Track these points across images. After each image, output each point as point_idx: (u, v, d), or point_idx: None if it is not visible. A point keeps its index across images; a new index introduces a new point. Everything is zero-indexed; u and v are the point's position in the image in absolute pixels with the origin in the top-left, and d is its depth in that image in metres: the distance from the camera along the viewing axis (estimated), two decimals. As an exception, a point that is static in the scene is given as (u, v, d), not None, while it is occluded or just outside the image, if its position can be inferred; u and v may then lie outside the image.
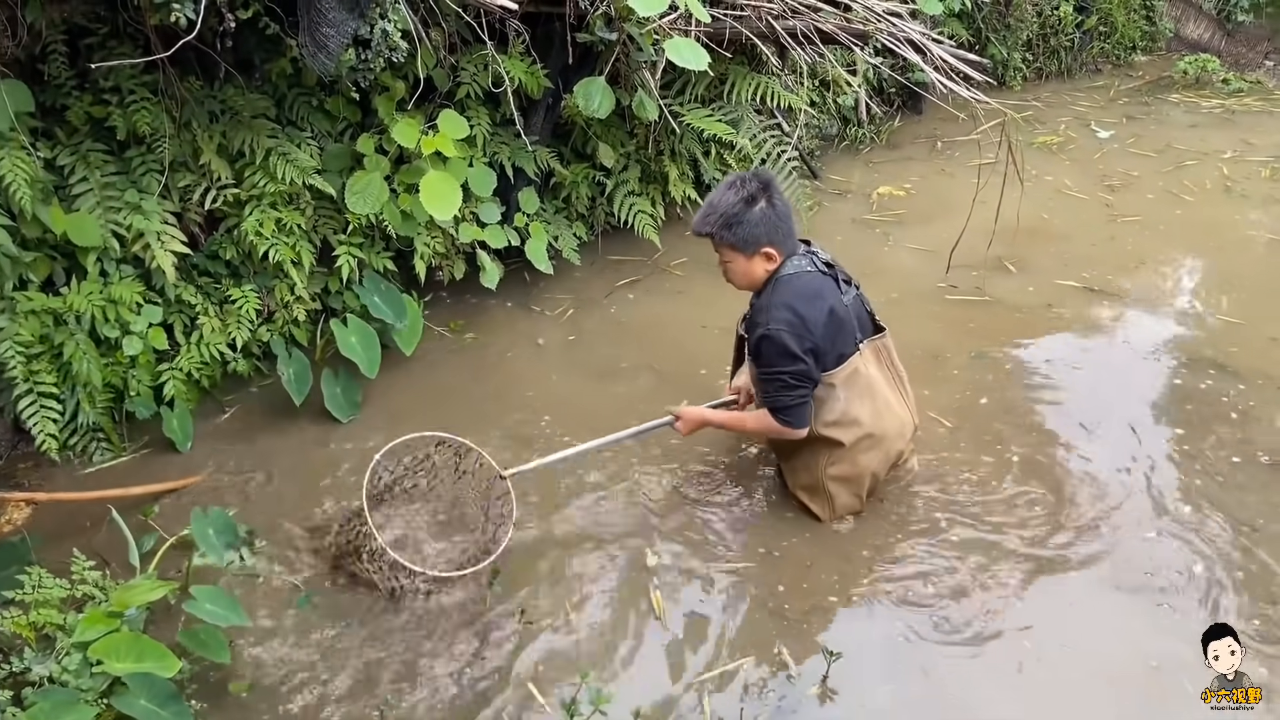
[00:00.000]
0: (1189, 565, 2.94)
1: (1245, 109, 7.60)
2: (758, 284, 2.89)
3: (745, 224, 2.78)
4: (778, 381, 2.83)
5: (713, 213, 2.82)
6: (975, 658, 2.65)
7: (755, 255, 2.83)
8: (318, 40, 2.89)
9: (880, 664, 2.63)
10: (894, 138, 6.80)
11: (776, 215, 2.82)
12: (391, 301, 3.87)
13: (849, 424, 2.95)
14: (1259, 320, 4.36)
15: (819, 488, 3.06)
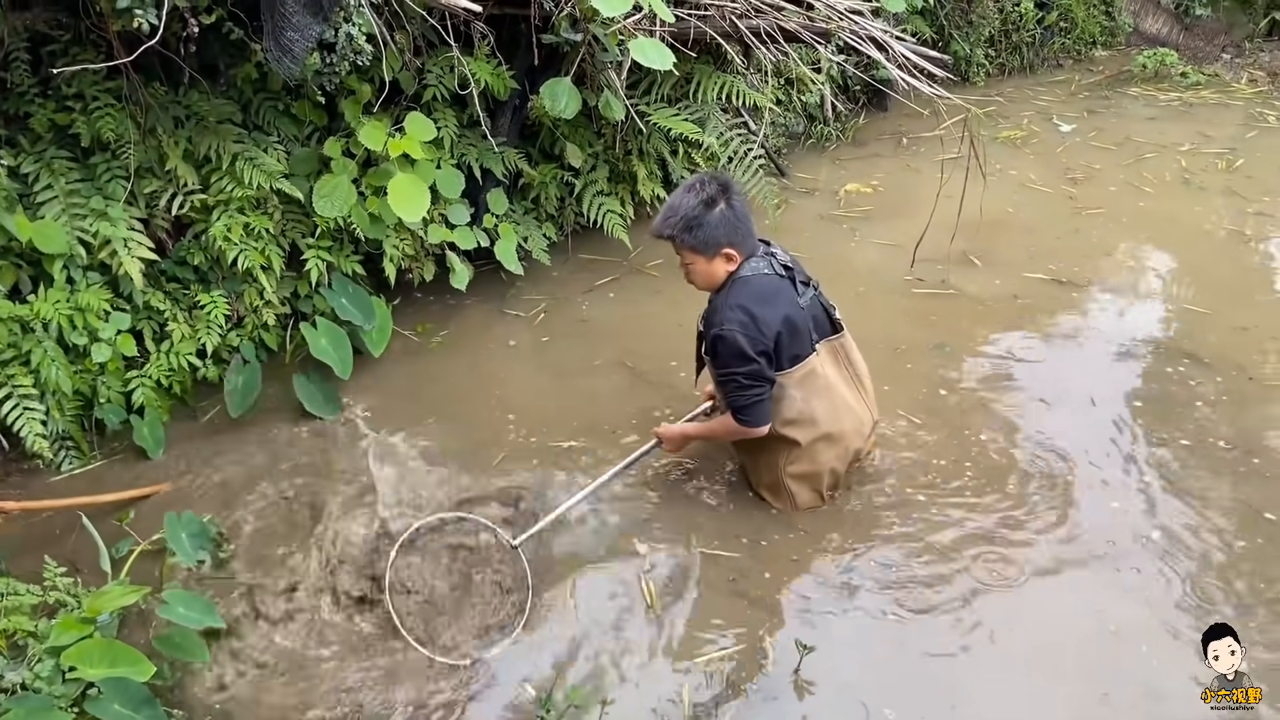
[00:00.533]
0: (1147, 538, 3.05)
1: (1202, 102, 7.73)
2: (718, 284, 2.93)
3: (705, 226, 2.82)
4: (733, 382, 2.87)
5: (673, 215, 2.85)
6: (950, 636, 2.71)
7: (716, 256, 2.87)
8: (282, 45, 2.90)
9: (858, 647, 2.69)
10: (860, 135, 6.87)
11: (736, 216, 2.85)
12: (360, 304, 3.88)
13: (805, 423, 2.99)
14: (1225, 310, 4.44)
15: (780, 486, 3.11)
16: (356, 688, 2.58)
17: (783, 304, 2.88)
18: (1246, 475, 3.33)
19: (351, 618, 2.79)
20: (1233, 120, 7.27)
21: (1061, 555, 2.99)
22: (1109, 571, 2.92)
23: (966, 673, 2.61)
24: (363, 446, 3.47)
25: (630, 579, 2.92)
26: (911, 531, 3.09)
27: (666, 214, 2.88)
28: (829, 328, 3.07)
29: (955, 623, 2.75)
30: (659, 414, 3.57)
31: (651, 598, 2.84)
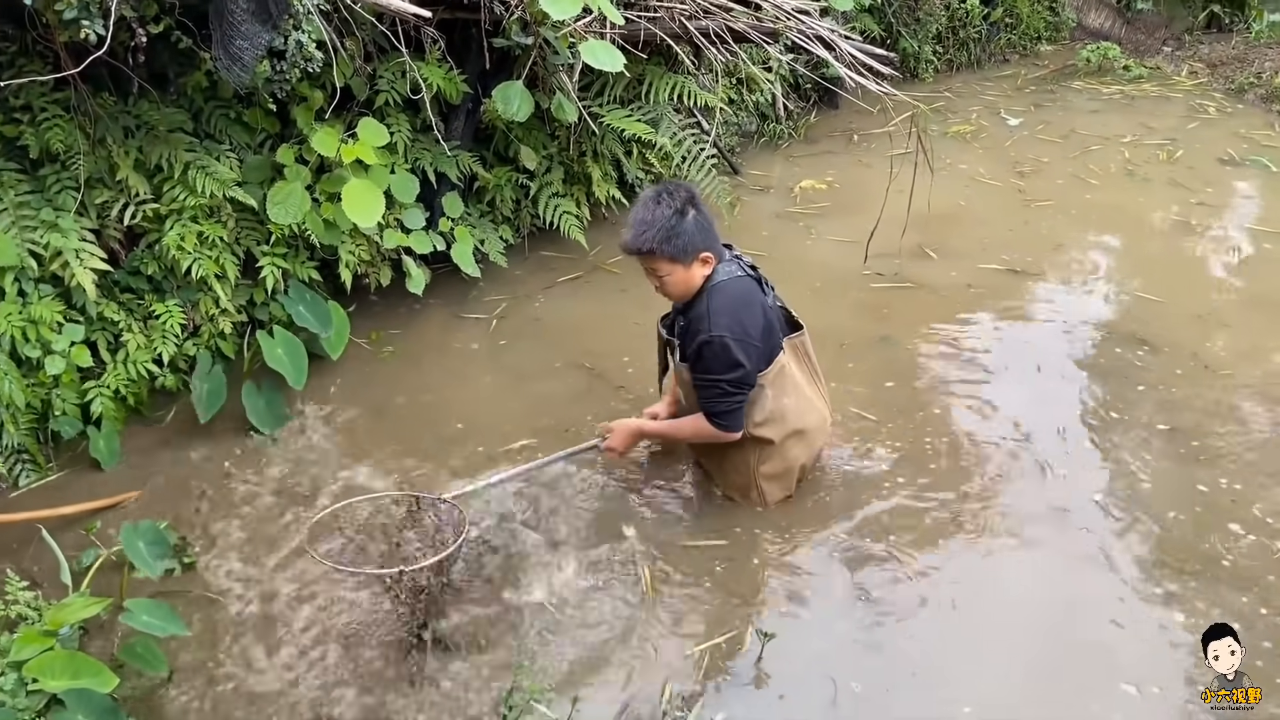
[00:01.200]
0: (1096, 509, 3.20)
1: (1144, 94, 7.92)
2: (695, 291, 2.93)
3: (683, 234, 2.82)
4: (716, 389, 2.89)
5: (648, 228, 2.82)
6: (913, 611, 2.83)
7: (694, 263, 2.87)
8: (231, 53, 2.91)
9: (827, 627, 2.78)
10: (811, 132, 6.96)
11: (707, 222, 2.89)
12: (317, 310, 3.88)
13: (778, 421, 3.04)
14: (1180, 298, 4.58)
15: (751, 485, 3.16)
16: (320, 694, 2.59)
17: (758, 305, 2.94)
18: (1188, 456, 3.45)
19: (315, 623, 2.80)
20: (1174, 112, 7.46)
21: (1014, 529, 3.13)
22: (1060, 542, 3.07)
23: (929, 644, 2.72)
24: (310, 458, 3.49)
25: (607, 573, 2.97)
26: (873, 515, 3.18)
27: (640, 228, 2.84)
28: (788, 327, 3.13)
29: (918, 599, 2.86)
30: (617, 414, 3.61)
31: (648, 585, 2.90)
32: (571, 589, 2.90)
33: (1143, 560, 2.99)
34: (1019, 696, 2.57)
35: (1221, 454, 3.47)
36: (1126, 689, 2.56)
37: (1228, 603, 2.81)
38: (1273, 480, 3.32)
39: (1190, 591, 2.86)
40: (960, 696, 2.55)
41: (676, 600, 2.87)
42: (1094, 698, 2.54)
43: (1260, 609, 2.79)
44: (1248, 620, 2.73)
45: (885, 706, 2.54)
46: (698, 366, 2.91)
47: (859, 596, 2.87)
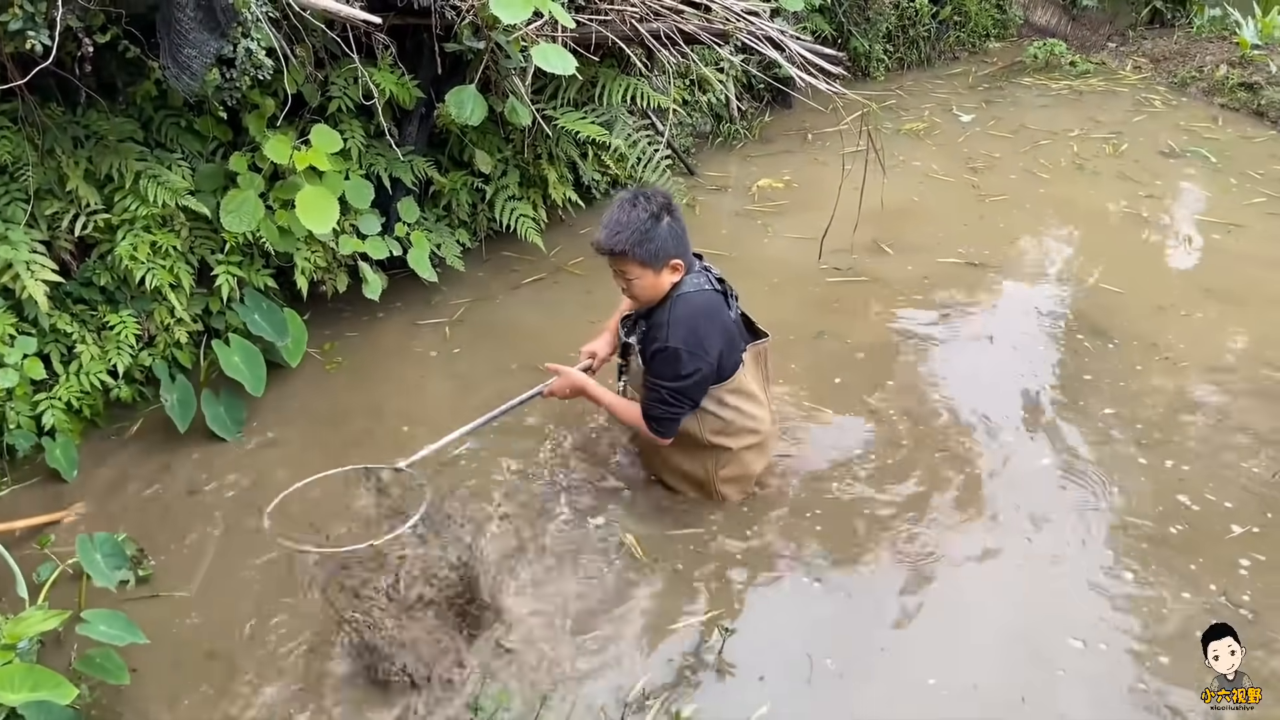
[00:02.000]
0: (1050, 493, 3.32)
1: (1091, 89, 8.07)
2: (661, 298, 2.97)
3: (656, 239, 2.86)
4: (658, 393, 2.94)
5: (623, 230, 2.86)
6: (880, 592, 2.93)
7: (663, 269, 2.91)
8: (180, 62, 2.91)
9: (801, 612, 2.87)
10: (766, 132, 7.02)
11: (681, 229, 2.94)
12: (273, 319, 3.88)
13: (737, 432, 3.11)
14: (1135, 289, 4.69)
15: (710, 486, 3.22)
16: (286, 699, 2.60)
17: (721, 319, 2.98)
18: (1140, 438, 3.57)
19: (277, 631, 2.81)
20: (1120, 106, 7.61)
21: (972, 511, 3.23)
22: (1015, 526, 3.18)
23: (895, 622, 2.83)
24: (268, 465, 3.50)
25: (578, 559, 3.03)
26: (833, 502, 3.28)
27: (614, 229, 2.87)
28: (750, 335, 3.19)
29: (886, 581, 2.97)
30: (569, 416, 3.65)
31: (638, 549, 2.97)
32: (540, 577, 2.95)
33: (1099, 536, 3.12)
34: (979, 664, 2.67)
35: (1173, 438, 3.58)
36: (1074, 644, 2.71)
37: (1176, 567, 2.95)
38: (1220, 462, 3.43)
39: (1140, 555, 3.00)
40: (926, 669, 2.65)
41: (644, 591, 2.92)
42: (1046, 656, 2.68)
43: (1208, 580, 2.91)
44: (1196, 585, 2.89)
45: (860, 681, 2.64)
46: (650, 370, 2.97)
47: (830, 584, 2.95)
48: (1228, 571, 2.96)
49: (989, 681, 2.61)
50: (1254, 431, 3.60)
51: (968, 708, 2.54)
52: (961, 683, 2.61)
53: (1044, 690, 2.58)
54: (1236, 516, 3.18)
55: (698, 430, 3.07)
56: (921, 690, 2.59)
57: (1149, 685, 2.58)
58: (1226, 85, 7.61)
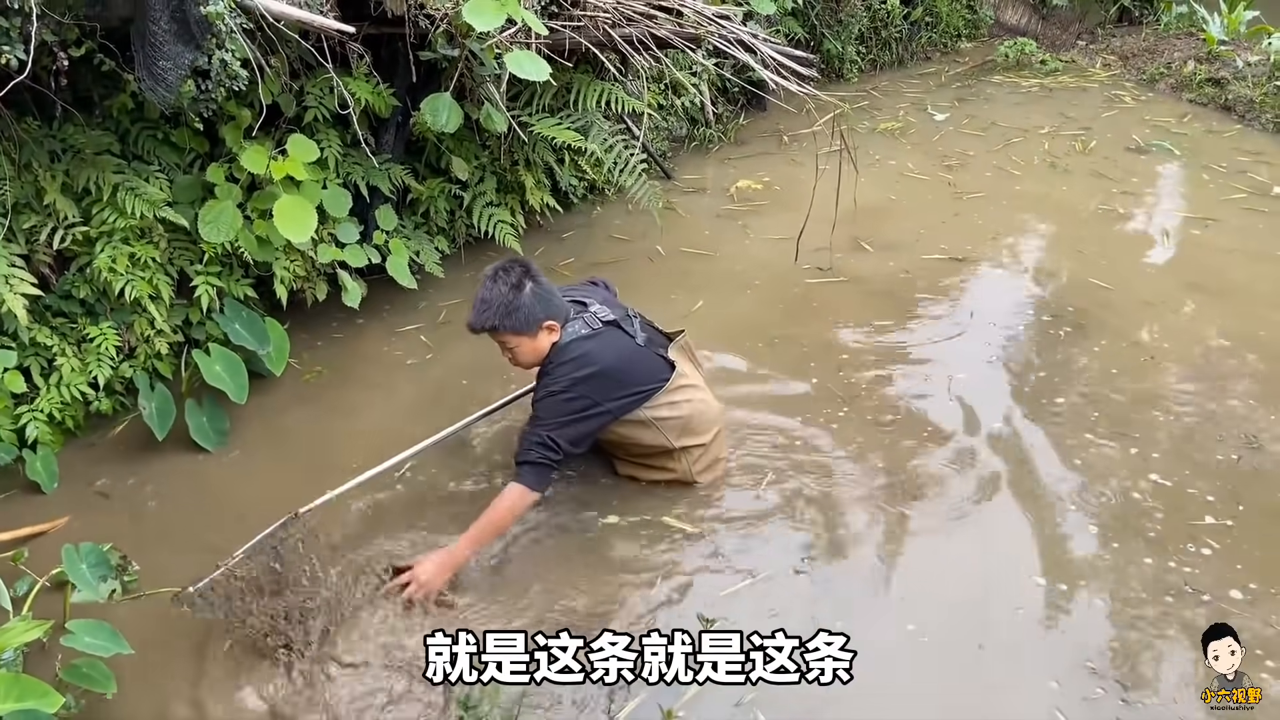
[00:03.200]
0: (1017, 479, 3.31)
1: (1062, 86, 8.17)
2: (544, 355, 3.06)
3: (521, 308, 2.97)
4: (537, 435, 2.95)
5: (488, 309, 2.98)
6: (856, 568, 3.01)
7: (539, 332, 3.01)
8: (155, 74, 2.93)
9: (784, 589, 2.89)
10: (741, 135, 7.08)
11: (545, 291, 3.03)
12: (253, 328, 3.90)
13: (699, 426, 3.22)
14: (1121, 284, 4.75)
15: (690, 482, 3.31)
16: (278, 699, 2.63)
17: (614, 349, 3.06)
18: (1118, 425, 3.63)
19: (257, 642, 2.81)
20: (1091, 103, 7.71)
21: (939, 512, 3.27)
22: (981, 518, 3.25)
23: (870, 587, 2.93)
24: (250, 475, 3.54)
25: (568, 556, 3.07)
26: (808, 491, 3.34)
27: (480, 309, 3.00)
28: (665, 339, 3.30)
29: (861, 559, 3.05)
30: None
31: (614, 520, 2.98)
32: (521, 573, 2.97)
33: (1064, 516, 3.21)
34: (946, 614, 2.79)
35: (1149, 427, 3.65)
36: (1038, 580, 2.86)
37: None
38: (1195, 449, 3.51)
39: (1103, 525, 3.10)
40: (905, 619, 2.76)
41: (632, 584, 2.97)
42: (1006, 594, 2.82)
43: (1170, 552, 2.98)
44: (1159, 543, 2.98)
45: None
46: (536, 413, 3.02)
47: (808, 565, 3.02)
48: (1187, 538, 3.06)
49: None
50: (1220, 420, 3.68)
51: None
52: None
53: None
54: (1202, 498, 3.25)
55: (664, 440, 3.17)
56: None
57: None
58: (1194, 81, 7.72)
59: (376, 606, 2.87)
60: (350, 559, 3.06)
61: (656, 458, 3.26)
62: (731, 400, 3.73)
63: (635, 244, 5.34)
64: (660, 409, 3.13)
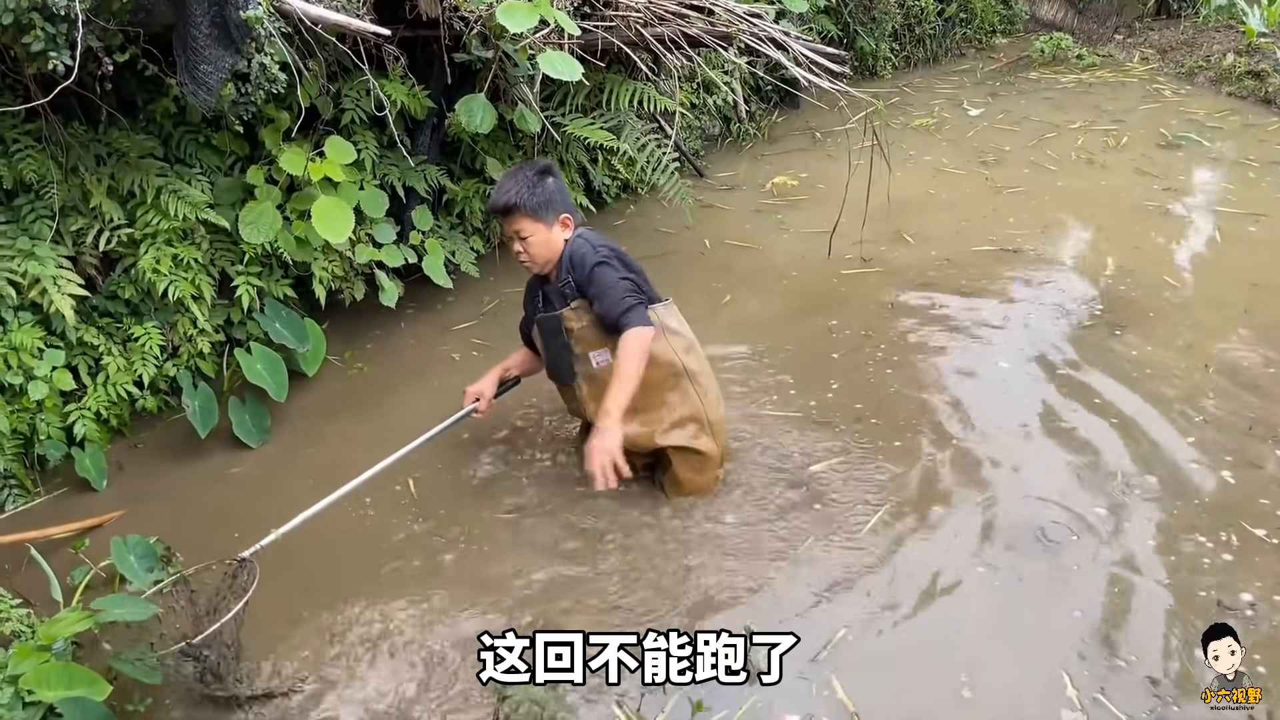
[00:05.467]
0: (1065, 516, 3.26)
1: (1101, 81, 8.10)
2: (556, 256, 3.08)
3: (544, 191, 3.03)
4: (616, 291, 2.95)
5: (512, 187, 3.04)
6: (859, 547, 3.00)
7: (555, 224, 3.06)
8: (197, 78, 3.00)
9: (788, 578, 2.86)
10: (774, 132, 7.09)
11: (564, 190, 3.13)
12: (293, 327, 3.97)
13: (698, 352, 3.18)
14: (1174, 278, 4.66)
15: (703, 422, 3.17)
16: (317, 694, 2.67)
17: (622, 249, 3.13)
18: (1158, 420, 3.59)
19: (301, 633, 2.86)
20: (1129, 97, 7.64)
21: (951, 494, 3.23)
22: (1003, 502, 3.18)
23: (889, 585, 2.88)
24: (290, 471, 3.59)
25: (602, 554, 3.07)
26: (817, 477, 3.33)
27: (503, 188, 3.07)
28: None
29: (865, 539, 3.03)
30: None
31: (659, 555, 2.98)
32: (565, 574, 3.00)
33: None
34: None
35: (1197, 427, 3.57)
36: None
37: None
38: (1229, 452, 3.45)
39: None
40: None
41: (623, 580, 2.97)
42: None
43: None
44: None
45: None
46: (594, 290, 3.00)
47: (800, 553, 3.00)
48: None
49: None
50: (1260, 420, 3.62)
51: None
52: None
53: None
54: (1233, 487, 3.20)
55: (671, 353, 3.09)
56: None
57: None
58: (1234, 74, 7.61)
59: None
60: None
61: (670, 390, 3.12)
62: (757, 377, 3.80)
63: (680, 237, 5.39)
64: (667, 320, 3.11)
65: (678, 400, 3.14)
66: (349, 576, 3.02)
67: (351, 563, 3.11)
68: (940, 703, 2.47)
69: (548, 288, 3.17)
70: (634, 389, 2.91)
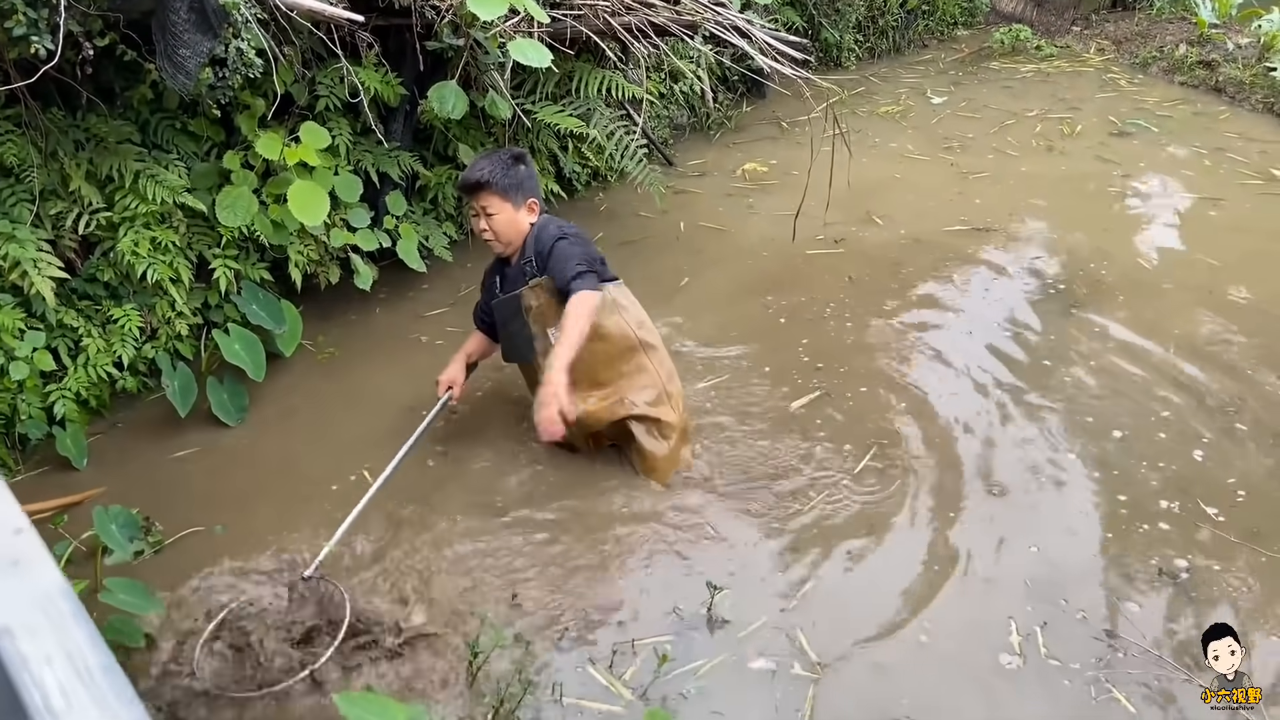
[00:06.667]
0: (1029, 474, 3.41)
1: (1059, 71, 8.30)
2: (520, 238, 3.23)
3: (517, 174, 3.17)
4: (571, 262, 3.09)
5: (485, 165, 3.17)
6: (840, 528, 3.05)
7: (522, 207, 3.19)
8: (175, 62, 3.08)
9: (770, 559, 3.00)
10: (741, 122, 7.22)
11: (535, 179, 3.27)
12: (270, 309, 4.05)
13: (654, 332, 3.32)
14: (1135, 260, 4.86)
15: (663, 393, 3.27)
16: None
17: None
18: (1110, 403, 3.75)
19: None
20: (1085, 87, 7.84)
21: (922, 473, 3.37)
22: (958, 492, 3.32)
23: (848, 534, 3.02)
24: (267, 450, 3.67)
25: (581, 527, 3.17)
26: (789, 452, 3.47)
27: (476, 166, 3.19)
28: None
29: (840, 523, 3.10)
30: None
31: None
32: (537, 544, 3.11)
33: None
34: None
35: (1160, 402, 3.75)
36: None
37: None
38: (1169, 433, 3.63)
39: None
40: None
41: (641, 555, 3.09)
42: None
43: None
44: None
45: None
46: (552, 261, 3.13)
47: (787, 532, 3.12)
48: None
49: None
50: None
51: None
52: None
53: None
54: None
55: (625, 326, 3.20)
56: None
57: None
58: (1186, 64, 7.83)
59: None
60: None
61: (626, 364, 3.23)
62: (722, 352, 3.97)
63: (653, 220, 5.53)
64: (620, 297, 3.25)
65: (634, 371, 3.25)
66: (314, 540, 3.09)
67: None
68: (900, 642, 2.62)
69: (509, 269, 3.29)
70: (578, 345, 2.99)
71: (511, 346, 3.40)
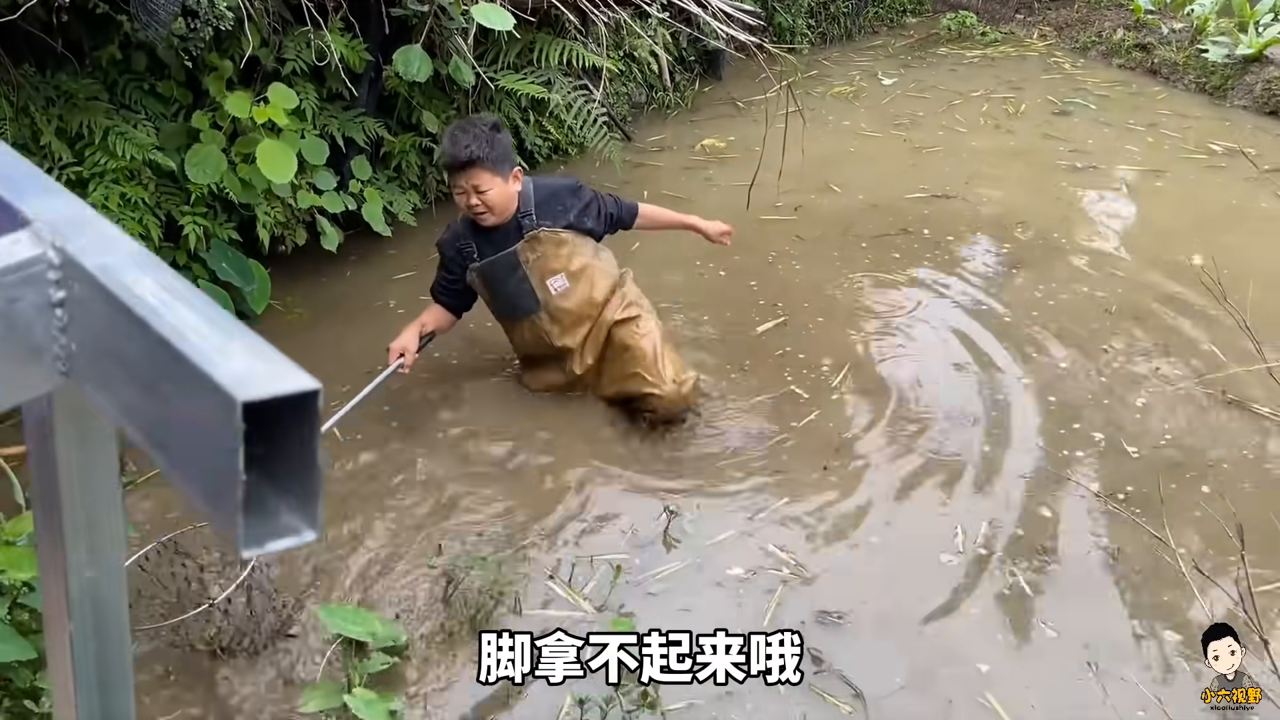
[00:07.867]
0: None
1: (1004, 56, 8.56)
2: (512, 206, 3.25)
3: (500, 145, 3.16)
4: (610, 199, 3.45)
5: (470, 141, 3.08)
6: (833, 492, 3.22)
7: (509, 177, 3.20)
8: (149, 9, 3.16)
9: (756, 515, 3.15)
10: (698, 101, 7.38)
11: (511, 143, 3.32)
12: (239, 266, 4.13)
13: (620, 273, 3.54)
14: (1078, 227, 5.08)
15: (637, 304, 3.50)
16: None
17: None
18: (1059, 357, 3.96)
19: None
20: (1029, 70, 8.10)
21: (896, 436, 3.55)
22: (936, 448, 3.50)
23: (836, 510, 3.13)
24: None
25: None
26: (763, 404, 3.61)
27: (460, 142, 3.09)
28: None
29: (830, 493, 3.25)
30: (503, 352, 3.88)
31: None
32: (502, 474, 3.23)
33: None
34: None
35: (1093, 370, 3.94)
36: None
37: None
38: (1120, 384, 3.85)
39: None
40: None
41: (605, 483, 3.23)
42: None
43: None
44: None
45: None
46: (590, 209, 3.38)
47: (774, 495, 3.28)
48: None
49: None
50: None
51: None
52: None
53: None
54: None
55: (609, 267, 3.46)
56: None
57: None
58: (1124, 47, 8.12)
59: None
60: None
61: (613, 294, 3.42)
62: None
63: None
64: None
65: (618, 300, 3.45)
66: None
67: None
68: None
69: (494, 233, 3.30)
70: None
71: (511, 305, 3.43)
